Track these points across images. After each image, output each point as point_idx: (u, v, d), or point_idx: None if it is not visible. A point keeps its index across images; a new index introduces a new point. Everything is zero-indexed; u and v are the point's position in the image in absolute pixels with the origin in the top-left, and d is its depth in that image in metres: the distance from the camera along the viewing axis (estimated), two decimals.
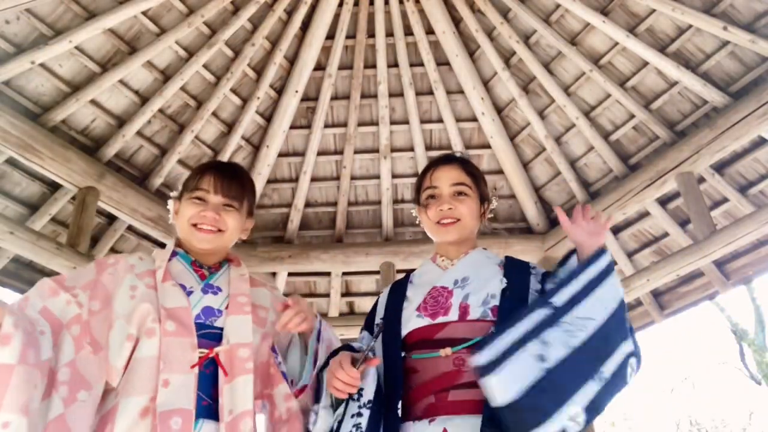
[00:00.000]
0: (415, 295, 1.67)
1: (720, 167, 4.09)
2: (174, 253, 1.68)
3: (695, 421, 14.66)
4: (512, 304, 1.52)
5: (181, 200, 1.70)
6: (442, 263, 1.75)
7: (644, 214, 4.56)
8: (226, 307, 1.57)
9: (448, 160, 1.80)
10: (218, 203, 1.65)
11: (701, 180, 4.07)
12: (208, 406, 1.42)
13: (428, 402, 1.47)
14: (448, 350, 1.49)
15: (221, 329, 1.52)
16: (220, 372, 1.45)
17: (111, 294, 1.51)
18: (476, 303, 1.55)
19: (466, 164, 1.79)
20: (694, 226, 3.80)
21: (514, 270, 1.65)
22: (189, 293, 1.55)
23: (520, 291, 1.58)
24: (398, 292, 1.73)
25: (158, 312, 1.46)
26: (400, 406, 1.46)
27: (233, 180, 1.69)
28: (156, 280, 1.53)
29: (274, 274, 4.98)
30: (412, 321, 1.59)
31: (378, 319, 1.70)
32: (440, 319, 1.55)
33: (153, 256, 1.65)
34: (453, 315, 1.55)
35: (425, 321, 1.57)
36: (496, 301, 1.55)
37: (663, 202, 4.39)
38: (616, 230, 4.73)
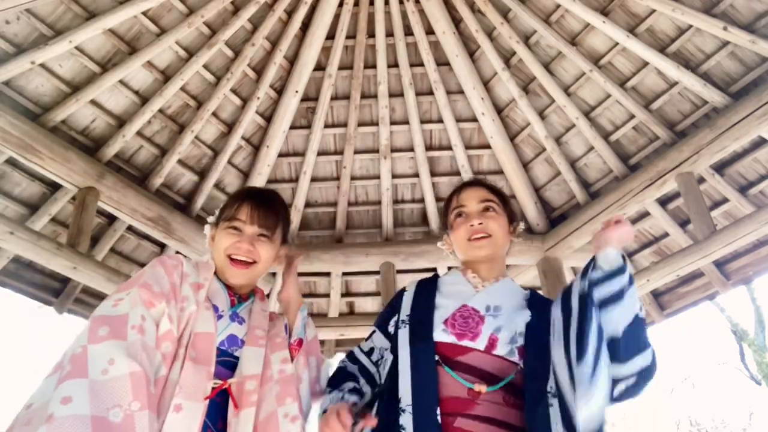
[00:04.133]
0: (443, 306, 1.63)
1: (720, 167, 4.09)
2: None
3: (695, 421, 14.67)
4: (536, 342, 1.51)
5: (218, 228, 1.73)
6: (473, 280, 1.71)
7: (644, 215, 4.56)
8: (246, 339, 1.59)
9: (473, 182, 1.86)
10: (253, 234, 1.68)
11: (701, 180, 4.07)
12: None
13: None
14: (483, 387, 1.45)
15: (238, 359, 1.54)
16: (230, 404, 1.45)
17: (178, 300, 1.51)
18: (505, 339, 1.52)
19: (491, 185, 1.85)
20: (694, 226, 3.80)
21: (537, 307, 1.63)
22: (219, 317, 1.57)
23: (543, 331, 1.53)
24: (427, 294, 1.69)
25: (189, 334, 1.47)
26: (439, 412, 1.40)
27: (269, 210, 1.73)
28: (198, 299, 1.53)
29: (274, 274, 4.98)
30: (437, 332, 1.55)
31: (404, 316, 1.64)
32: (465, 342, 1.52)
33: (195, 266, 1.63)
34: (480, 343, 1.51)
35: (449, 338, 1.53)
36: (522, 341, 1.52)
37: (663, 202, 4.39)
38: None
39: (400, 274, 4.81)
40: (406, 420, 1.40)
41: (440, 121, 4.83)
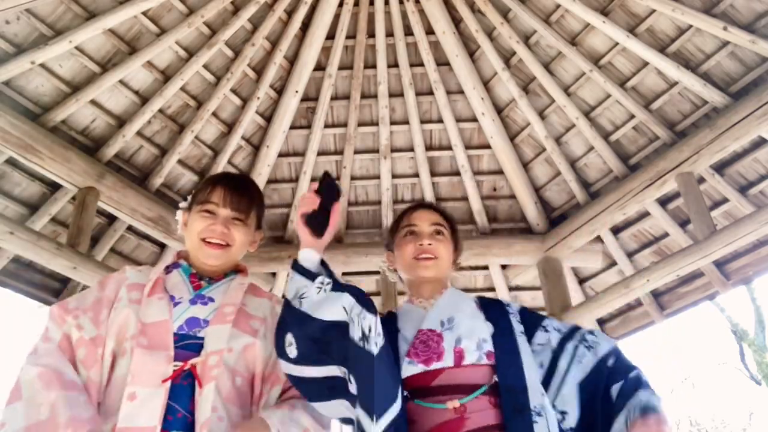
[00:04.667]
0: (402, 338, 1.61)
1: (720, 167, 4.09)
2: (176, 265, 1.68)
3: (695, 421, 14.67)
4: (502, 345, 1.54)
5: (191, 212, 1.70)
6: (420, 304, 1.71)
7: (644, 215, 4.56)
8: (212, 318, 1.55)
9: (427, 205, 1.87)
10: (227, 217, 1.65)
11: (701, 180, 4.07)
12: (183, 419, 1.38)
13: None
14: (455, 402, 1.44)
15: (203, 339, 1.51)
16: (197, 384, 1.42)
17: (111, 308, 1.52)
18: (471, 347, 1.53)
19: (443, 211, 1.85)
20: (694, 226, 3.80)
21: (493, 311, 1.65)
22: (176, 304, 1.54)
23: (508, 334, 1.58)
24: (390, 331, 1.64)
25: (136, 327, 1.45)
26: None
27: (243, 193, 1.70)
28: (143, 294, 1.53)
29: (274, 274, 4.98)
30: (404, 368, 1.53)
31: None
32: (434, 365, 1.51)
33: (142, 270, 1.65)
34: (448, 360, 1.51)
35: (418, 368, 1.52)
36: (489, 346, 1.53)
37: (663, 202, 4.39)
38: (616, 230, 4.73)
39: None
40: None
41: (440, 121, 4.83)
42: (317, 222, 1.54)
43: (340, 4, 4.44)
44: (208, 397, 1.39)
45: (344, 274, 5.14)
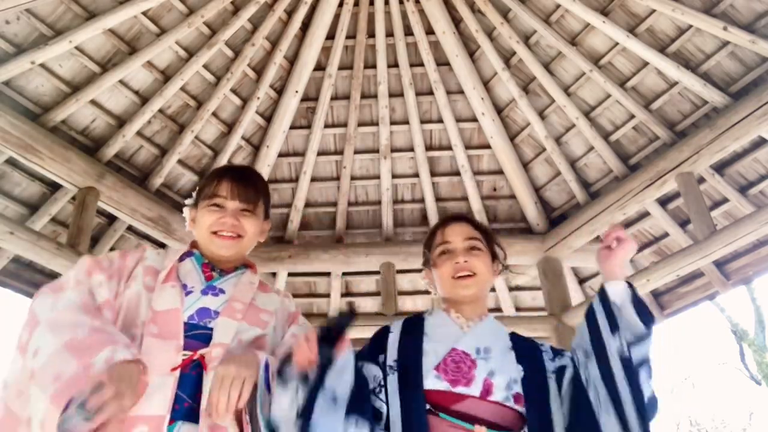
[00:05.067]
0: (432, 350, 1.56)
1: (720, 167, 4.09)
2: (189, 253, 1.68)
3: (695, 421, 14.67)
4: (535, 399, 1.47)
5: (198, 208, 1.70)
6: (458, 320, 1.65)
7: (644, 214, 4.56)
8: (223, 310, 1.54)
9: (459, 218, 1.80)
10: (236, 209, 1.65)
11: (701, 180, 4.07)
12: (189, 408, 1.37)
13: None
14: (483, 429, 1.40)
15: (212, 330, 1.50)
16: (204, 374, 1.41)
17: (127, 280, 1.53)
18: (501, 384, 1.47)
19: (476, 222, 1.79)
20: (694, 226, 3.80)
21: (526, 351, 1.59)
22: (188, 293, 1.54)
23: (539, 378, 1.52)
24: (414, 337, 1.62)
25: (147, 315, 1.45)
26: None
27: (250, 184, 1.70)
28: (157, 281, 1.53)
29: (274, 274, 4.98)
30: (429, 379, 1.48)
31: (391, 360, 1.56)
32: (460, 389, 1.46)
33: (160, 254, 1.65)
34: (475, 389, 1.45)
35: (443, 385, 1.47)
36: (518, 388, 1.48)
37: (663, 202, 4.39)
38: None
39: (400, 274, 4.81)
40: None
41: (440, 121, 4.83)
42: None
43: (340, 4, 4.45)
44: (209, 386, 1.38)
45: (344, 274, 5.15)
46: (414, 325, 1.68)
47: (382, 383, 1.52)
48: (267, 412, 1.33)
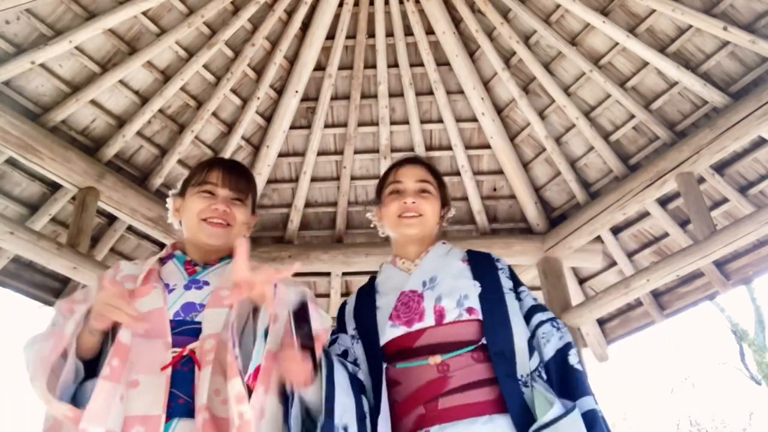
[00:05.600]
0: (384, 304, 1.62)
1: (720, 167, 4.09)
2: (170, 256, 1.67)
3: (695, 421, 14.67)
4: (491, 305, 1.52)
5: (185, 196, 1.68)
6: (403, 266, 1.71)
7: (644, 215, 4.56)
8: (208, 302, 1.52)
9: (414, 160, 1.82)
10: (227, 197, 1.64)
11: (701, 180, 4.07)
12: (185, 404, 1.36)
13: (417, 414, 1.42)
14: (437, 358, 1.45)
15: (200, 324, 1.48)
16: (196, 369, 1.40)
17: None
18: (451, 305, 1.52)
19: (430, 166, 1.82)
20: (694, 226, 3.80)
21: (481, 267, 1.64)
22: (170, 291, 1.52)
23: (495, 292, 1.57)
24: (366, 300, 1.68)
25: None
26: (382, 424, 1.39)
27: (240, 175, 1.70)
28: (136, 284, 1.52)
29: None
30: (387, 331, 1.54)
31: (352, 330, 1.63)
32: (416, 326, 1.51)
33: (136, 263, 1.65)
34: (429, 320, 1.51)
35: (401, 330, 1.52)
36: (470, 302, 1.52)
37: (663, 202, 4.39)
38: (617, 230, 4.73)
39: None
40: None
41: (440, 121, 4.83)
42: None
43: (340, 4, 4.44)
44: (205, 382, 1.35)
45: (344, 274, 5.15)
46: (366, 289, 1.73)
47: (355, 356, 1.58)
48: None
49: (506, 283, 1.61)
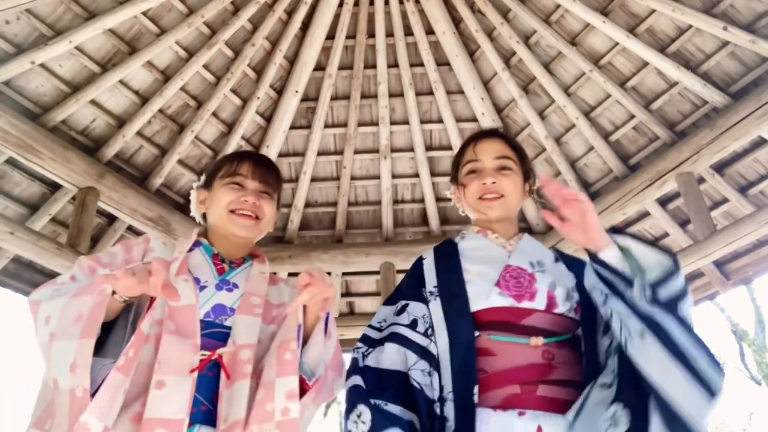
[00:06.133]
0: (477, 271, 1.49)
1: (720, 167, 4.09)
2: (197, 243, 1.61)
3: None
4: (586, 302, 1.41)
5: (212, 188, 1.64)
6: (497, 240, 1.60)
7: (644, 214, 4.56)
8: (239, 306, 1.48)
9: (492, 134, 1.69)
10: (256, 189, 1.61)
11: (701, 180, 4.07)
12: (207, 412, 1.32)
13: (511, 392, 1.31)
14: (540, 339, 1.36)
15: (230, 329, 1.43)
16: (222, 375, 1.34)
17: None
18: (562, 296, 1.43)
19: (509, 139, 1.70)
20: (694, 226, 3.80)
21: (571, 262, 1.56)
22: (202, 288, 1.47)
23: (586, 294, 1.44)
24: (449, 260, 1.55)
25: (163, 311, 1.38)
26: (476, 391, 1.30)
27: (270, 168, 1.68)
28: (170, 273, 1.44)
29: (274, 275, 4.97)
30: (492, 297, 1.41)
31: (431, 287, 1.49)
32: (525, 304, 1.40)
33: (176, 244, 1.60)
34: (540, 303, 1.41)
35: (508, 301, 1.41)
36: (576, 299, 1.44)
37: (663, 202, 4.39)
38: (616, 230, 4.72)
39: (400, 274, 4.81)
40: (449, 410, 1.30)
41: (440, 121, 4.83)
42: None
43: (340, 4, 4.44)
44: (242, 395, 1.30)
45: (344, 274, 5.15)
46: (447, 248, 1.61)
47: (429, 320, 1.44)
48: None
49: (590, 278, 1.47)
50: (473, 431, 1.26)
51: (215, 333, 1.41)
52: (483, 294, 1.42)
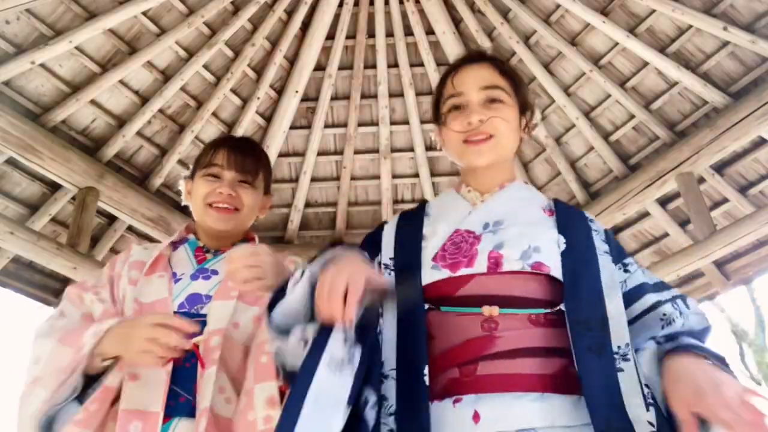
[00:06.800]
0: (432, 235, 1.25)
1: (720, 167, 4.09)
2: (184, 240, 1.60)
3: None
4: (577, 265, 1.15)
5: (194, 178, 1.61)
6: (469, 195, 1.34)
7: (644, 215, 4.56)
8: (215, 292, 1.44)
9: (476, 58, 1.36)
10: (233, 179, 1.56)
11: (701, 180, 4.07)
12: (186, 403, 1.29)
13: (450, 377, 1.09)
14: (494, 309, 1.11)
15: (206, 316, 1.39)
16: (199, 365, 1.32)
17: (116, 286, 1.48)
18: (512, 255, 1.15)
19: (499, 62, 1.35)
20: (694, 226, 3.81)
21: (570, 222, 1.24)
22: (177, 281, 1.45)
23: (585, 251, 1.18)
24: (412, 225, 1.30)
25: (132, 309, 1.38)
26: (426, 373, 1.07)
27: (248, 154, 1.61)
28: (142, 273, 1.45)
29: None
30: (426, 273, 1.18)
31: (386, 258, 1.26)
32: (462, 271, 1.15)
33: (147, 248, 1.59)
34: (479, 266, 1.15)
35: (443, 273, 1.17)
36: (541, 256, 1.15)
37: (663, 202, 4.39)
38: (617, 230, 4.73)
39: None
40: (389, 387, 1.08)
41: None
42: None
43: (340, 4, 4.44)
44: (209, 382, 1.28)
45: None
46: (413, 212, 1.37)
47: None
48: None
49: (601, 246, 1.21)
50: (422, 419, 1.02)
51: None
52: (425, 266, 1.20)
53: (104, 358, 1.28)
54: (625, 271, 1.22)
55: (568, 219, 1.25)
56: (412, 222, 1.31)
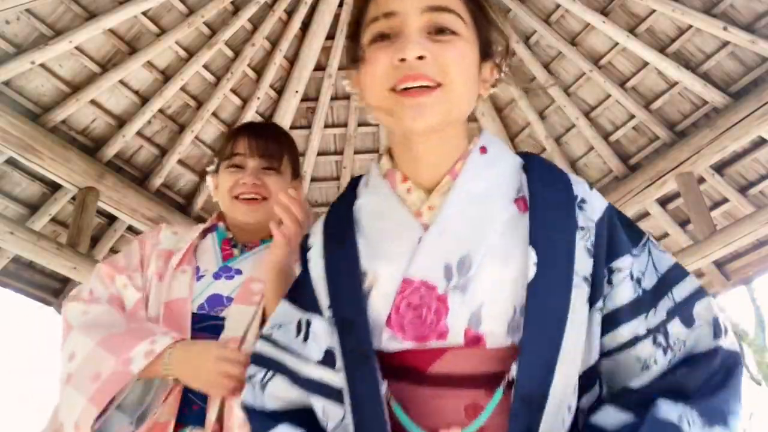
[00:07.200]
0: (374, 277, 0.86)
1: (720, 167, 4.09)
2: (213, 228, 1.54)
3: None
4: (537, 313, 0.79)
5: (219, 172, 1.53)
6: (409, 198, 0.93)
7: (644, 214, 4.56)
8: (236, 295, 1.37)
9: None
10: (256, 167, 1.47)
11: (701, 180, 4.07)
12: (200, 411, 1.23)
13: None
14: (480, 393, 0.79)
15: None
16: None
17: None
18: (497, 329, 0.81)
19: None
20: (694, 226, 3.81)
21: (549, 216, 0.85)
22: (199, 278, 1.38)
23: (556, 282, 0.80)
24: (344, 248, 0.91)
25: (157, 308, 1.34)
26: None
27: (270, 138, 1.51)
28: (169, 266, 1.38)
29: None
30: (383, 339, 0.84)
31: (325, 306, 0.89)
32: (433, 344, 0.82)
33: (177, 233, 1.51)
34: (454, 339, 0.81)
35: (404, 345, 0.83)
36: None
37: (663, 202, 4.39)
38: None
39: None
40: None
41: None
42: None
43: (340, 4, 4.44)
44: (216, 398, 1.23)
45: None
46: (339, 220, 0.99)
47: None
48: None
49: (582, 260, 0.82)
50: None
51: (209, 326, 1.32)
52: (376, 327, 0.84)
53: (167, 376, 1.24)
54: (609, 282, 0.85)
55: (547, 210, 0.85)
56: (343, 242, 0.92)
